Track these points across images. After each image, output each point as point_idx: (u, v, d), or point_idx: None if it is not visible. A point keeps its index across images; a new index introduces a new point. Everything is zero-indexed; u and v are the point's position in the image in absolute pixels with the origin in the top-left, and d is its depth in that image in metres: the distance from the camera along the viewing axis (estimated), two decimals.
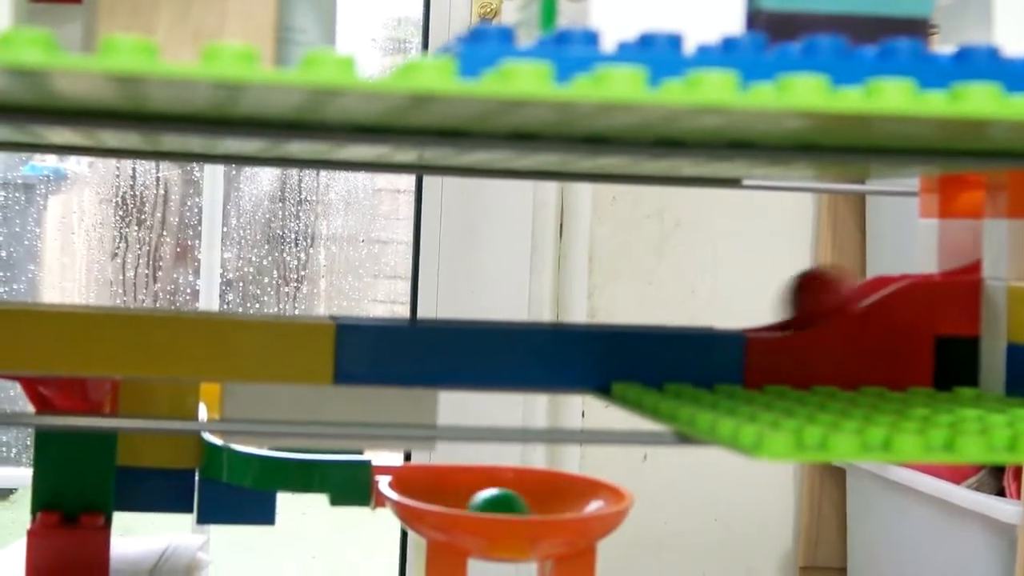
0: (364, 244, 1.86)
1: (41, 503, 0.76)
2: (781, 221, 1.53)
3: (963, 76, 0.42)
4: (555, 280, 1.49)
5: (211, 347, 0.58)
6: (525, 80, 0.37)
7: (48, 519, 0.76)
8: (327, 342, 0.59)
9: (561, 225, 1.49)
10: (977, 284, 0.62)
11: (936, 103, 0.39)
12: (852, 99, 0.39)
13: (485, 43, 0.41)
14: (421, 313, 1.50)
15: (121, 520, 0.78)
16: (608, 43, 0.44)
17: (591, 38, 0.43)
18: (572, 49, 0.42)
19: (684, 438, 0.50)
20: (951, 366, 0.62)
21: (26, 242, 1.81)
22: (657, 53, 0.42)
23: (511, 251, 1.48)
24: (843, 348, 0.62)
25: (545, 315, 1.47)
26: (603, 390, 0.60)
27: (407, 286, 1.56)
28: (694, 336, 0.62)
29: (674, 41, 0.43)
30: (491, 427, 0.58)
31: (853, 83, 0.42)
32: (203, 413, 0.79)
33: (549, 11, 0.48)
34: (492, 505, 0.76)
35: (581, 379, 0.61)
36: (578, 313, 1.48)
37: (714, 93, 0.38)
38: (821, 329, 0.62)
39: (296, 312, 1.85)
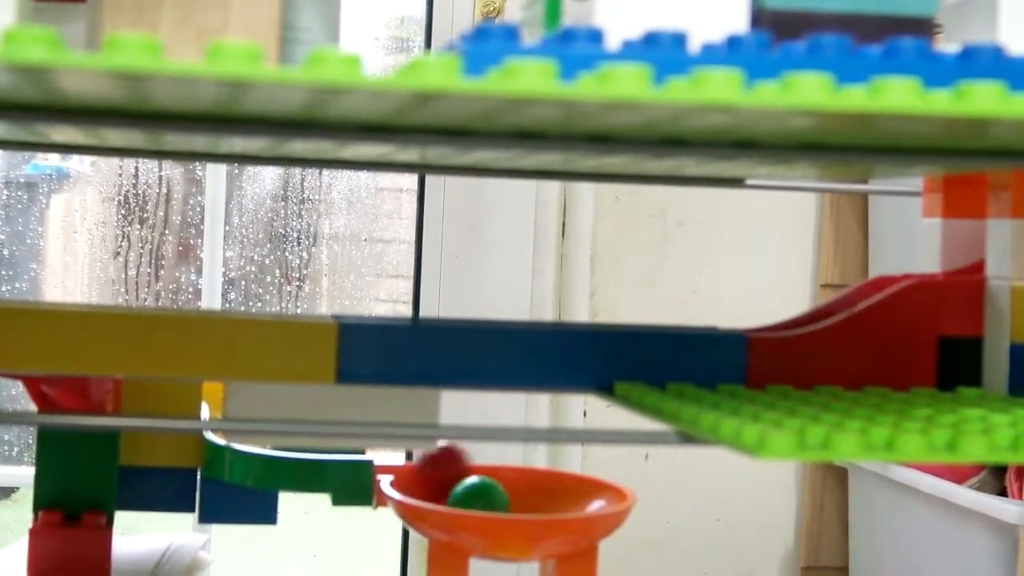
0: (366, 243, 1.86)
1: (43, 502, 0.76)
2: (784, 221, 1.53)
3: (967, 75, 0.42)
4: (557, 279, 1.49)
5: (214, 346, 0.58)
6: (530, 78, 0.37)
7: (50, 518, 0.75)
8: (330, 341, 0.59)
9: (563, 224, 1.49)
10: (980, 284, 0.62)
11: (940, 102, 0.39)
12: (857, 98, 0.39)
13: (490, 41, 0.41)
14: (423, 312, 1.49)
15: (123, 519, 0.78)
16: (613, 41, 0.44)
17: (596, 36, 0.43)
18: (577, 47, 0.42)
19: (687, 438, 0.50)
20: (954, 366, 0.62)
21: (28, 241, 1.81)
22: (662, 51, 0.42)
23: (513, 250, 1.48)
24: (846, 348, 0.62)
25: (547, 314, 1.47)
26: (605, 390, 0.60)
27: (409, 285, 1.56)
28: (696, 336, 0.62)
29: (679, 40, 0.43)
30: (493, 427, 0.58)
31: (858, 82, 0.42)
32: (205, 412, 0.79)
33: (554, 10, 0.48)
34: (472, 492, 0.76)
35: (583, 379, 0.61)
36: (580, 313, 1.48)
37: (719, 91, 0.38)
38: (824, 329, 0.62)
39: (298, 311, 1.85)
